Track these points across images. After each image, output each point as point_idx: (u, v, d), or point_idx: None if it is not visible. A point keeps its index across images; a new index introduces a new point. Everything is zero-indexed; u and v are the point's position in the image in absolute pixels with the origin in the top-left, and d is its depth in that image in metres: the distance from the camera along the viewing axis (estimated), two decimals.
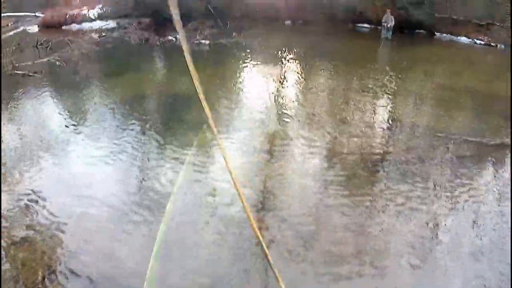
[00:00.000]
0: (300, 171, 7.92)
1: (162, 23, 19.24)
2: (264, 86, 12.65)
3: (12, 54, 14.50)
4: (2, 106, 10.82)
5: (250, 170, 7.85)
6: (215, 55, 16.34)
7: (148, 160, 8.29)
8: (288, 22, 22.51)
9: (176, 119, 10.15)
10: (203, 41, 17.67)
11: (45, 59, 14.59)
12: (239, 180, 6.51)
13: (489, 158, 8.53)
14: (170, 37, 17.99)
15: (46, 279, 5.36)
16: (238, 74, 14.04)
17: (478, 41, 19.17)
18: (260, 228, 6.06)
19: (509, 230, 6.26)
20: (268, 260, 3.96)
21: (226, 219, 6.49)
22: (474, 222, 6.50)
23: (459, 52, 17.67)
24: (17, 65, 13.76)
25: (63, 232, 6.24)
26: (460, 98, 11.73)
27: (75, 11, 22.36)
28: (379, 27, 19.91)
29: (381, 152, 8.70)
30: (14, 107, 11.07)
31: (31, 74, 13.47)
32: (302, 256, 5.78)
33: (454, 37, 19.57)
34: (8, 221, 6.48)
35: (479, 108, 11.08)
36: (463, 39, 19.50)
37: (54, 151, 8.68)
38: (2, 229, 6.24)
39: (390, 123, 10.17)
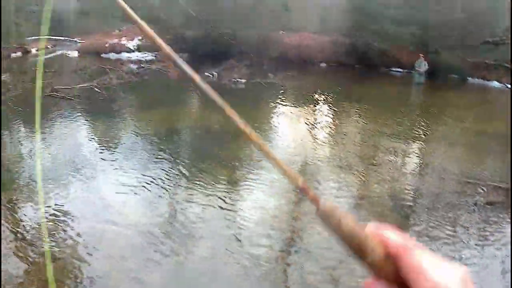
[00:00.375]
0: None
1: (199, 59, 19.50)
2: (296, 127, 12.69)
3: (51, 76, 14.69)
4: (38, 125, 10.90)
5: (279, 210, 7.77)
6: (250, 94, 16.47)
7: (175, 195, 8.27)
8: (323, 64, 22.62)
9: (207, 155, 10.13)
10: (239, 79, 17.72)
11: (84, 85, 14.71)
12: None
13: None
14: (206, 74, 18.12)
15: None
16: (271, 115, 14.01)
17: (509, 85, 18.93)
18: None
19: None
20: None
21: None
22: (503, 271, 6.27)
23: (490, 96, 17.55)
24: (56, 87, 13.91)
25: (88, 254, 6.21)
26: (490, 144, 11.57)
27: (115, 41, 22.77)
28: (412, 72, 19.86)
29: (410, 196, 8.56)
30: (49, 128, 11.21)
31: (69, 97, 13.59)
32: None
33: (486, 82, 19.38)
34: (34, 238, 6.50)
35: (509, 153, 10.84)
36: (495, 84, 19.30)
37: (84, 175, 8.73)
38: (28, 245, 6.28)
39: (420, 167, 10.07)
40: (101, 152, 9.99)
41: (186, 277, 5.93)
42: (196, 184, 8.56)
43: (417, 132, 12.47)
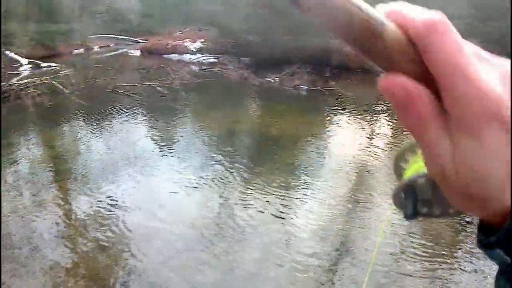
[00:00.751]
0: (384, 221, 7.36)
1: (261, 64, 19.29)
2: (354, 135, 12.30)
3: (114, 74, 14.81)
4: (99, 118, 11.02)
5: (330, 220, 7.48)
6: (311, 100, 16.26)
7: (229, 194, 8.15)
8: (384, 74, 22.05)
9: (264, 159, 9.98)
10: (301, 85, 17.39)
11: (146, 83, 14.72)
12: None
13: None
14: (268, 78, 17.88)
15: None
16: (331, 121, 13.62)
17: None
18: None
19: None
20: None
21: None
22: None
23: None
24: (118, 84, 13.98)
25: (137, 248, 6.23)
26: None
27: (177, 42, 22.84)
28: None
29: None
30: (109, 122, 11.43)
31: (130, 94, 13.60)
32: None
33: None
34: (86, 226, 6.63)
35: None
36: None
37: (138, 169, 8.79)
38: (78, 233, 6.43)
39: None
40: (158, 149, 10.04)
41: (234, 278, 5.83)
42: (250, 188, 8.42)
43: None
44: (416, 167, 1.40)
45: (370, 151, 11.06)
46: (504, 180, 0.39)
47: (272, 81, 17.88)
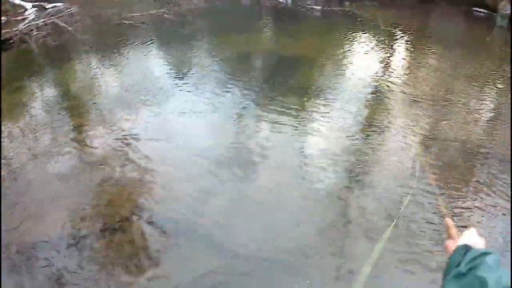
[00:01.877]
0: (397, 146, 7.46)
1: None
2: (370, 59, 11.95)
3: (120, 5, 14.48)
4: (108, 53, 10.82)
5: (346, 143, 7.44)
6: (325, 22, 15.82)
7: (244, 119, 8.12)
8: None
9: (278, 80, 9.79)
10: (314, 6, 16.79)
11: (153, 11, 14.34)
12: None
13: None
14: (280, 0, 17.28)
15: (128, 219, 5.48)
16: (346, 44, 13.30)
17: None
18: None
19: None
20: None
21: None
22: None
23: None
24: (125, 15, 13.66)
25: (153, 175, 6.34)
26: None
27: None
28: (495, 14, 18.13)
29: (484, 143, 7.81)
30: (118, 55, 11.27)
31: (137, 24, 13.30)
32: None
33: None
34: (103, 158, 6.71)
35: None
36: None
37: (154, 99, 8.72)
38: (94, 164, 6.54)
39: (498, 114, 9.21)
40: (171, 77, 9.92)
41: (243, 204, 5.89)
42: (266, 112, 8.33)
43: (496, 79, 11.30)
44: None
45: (387, 75, 10.80)
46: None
47: (285, 2, 17.29)
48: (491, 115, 9.20)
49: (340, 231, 5.39)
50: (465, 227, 1.74)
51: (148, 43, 12.13)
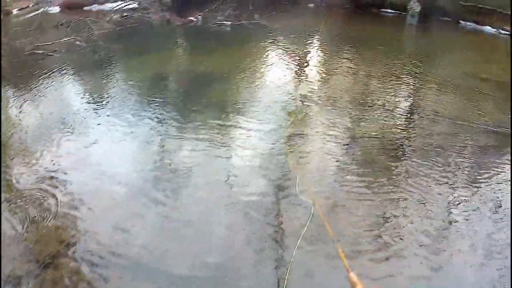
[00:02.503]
0: (319, 149, 7.85)
1: (183, 3, 19.02)
2: (284, 68, 12.45)
3: (32, 34, 14.40)
4: (22, 84, 10.73)
5: (272, 150, 7.76)
6: (236, 36, 16.19)
7: (164, 139, 8.26)
8: (311, 4, 22.04)
9: (195, 98, 10.02)
10: (224, 22, 17.32)
11: (65, 39, 14.41)
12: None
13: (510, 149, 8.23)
14: (191, 18, 17.73)
15: (58, 254, 5.42)
16: (259, 55, 13.80)
17: (503, 31, 18.50)
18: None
19: None
20: None
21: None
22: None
23: (483, 41, 17.10)
24: (37, 45, 13.63)
25: (78, 208, 6.27)
26: (483, 88, 11.28)
27: None
28: (404, 13, 19.35)
29: (401, 136, 8.48)
30: (33, 86, 11.06)
31: (50, 53, 13.35)
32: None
33: (478, 26, 18.96)
34: (25, 192, 6.59)
35: (502, 98, 10.64)
36: (488, 28, 18.90)
37: (71, 130, 8.64)
38: (19, 200, 6.41)
39: (411, 109, 9.89)
40: (88, 104, 9.86)
41: (172, 227, 5.97)
42: (184, 132, 8.52)
43: (408, 74, 12.24)
44: None
45: (303, 83, 11.24)
46: None
47: (195, 20, 17.72)
48: (407, 110, 9.80)
49: (269, 241, 5.56)
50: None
51: (63, 71, 12.02)
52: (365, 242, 5.58)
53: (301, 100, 9.99)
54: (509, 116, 9.22)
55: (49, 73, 11.93)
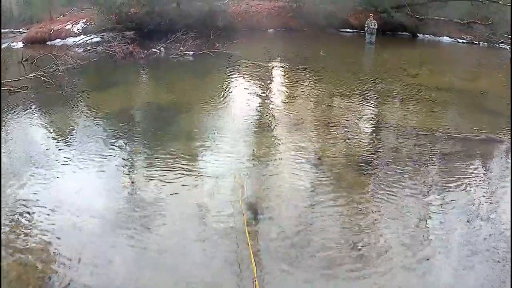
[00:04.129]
0: (289, 172, 8.03)
1: (145, 35, 19.34)
2: (249, 94, 12.74)
3: None
4: None
5: (242, 172, 7.97)
6: (199, 65, 16.40)
7: (133, 173, 8.35)
8: (271, 30, 22.62)
9: (161, 129, 10.19)
10: (187, 52, 17.66)
11: (30, 75, 14.48)
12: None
13: (476, 153, 8.70)
14: (154, 50, 18.03)
15: None
16: (222, 83, 14.00)
17: (460, 40, 19.37)
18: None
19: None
20: None
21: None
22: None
23: (442, 51, 17.88)
24: (2, 81, 13.64)
25: (55, 244, 6.24)
26: (443, 97, 11.86)
27: (59, 26, 22.31)
28: (362, 32, 20.03)
29: (367, 152, 8.78)
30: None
31: (16, 90, 13.41)
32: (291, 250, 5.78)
33: (436, 38, 19.79)
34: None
35: (462, 105, 11.23)
36: (445, 39, 19.79)
37: (41, 168, 8.60)
38: None
39: (376, 124, 10.27)
40: (56, 142, 9.86)
41: (150, 256, 6.00)
42: (155, 160, 8.64)
43: (370, 90, 12.73)
44: None
45: (268, 107, 11.54)
46: None
47: (158, 51, 18.03)
48: (371, 126, 10.19)
49: (245, 262, 5.62)
50: None
51: (27, 109, 11.98)
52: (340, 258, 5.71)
53: (266, 124, 10.24)
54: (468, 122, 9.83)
55: (13, 110, 11.90)
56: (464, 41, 19.40)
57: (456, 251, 5.90)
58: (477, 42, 19.15)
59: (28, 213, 7.03)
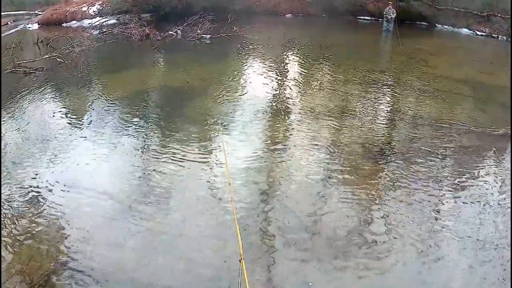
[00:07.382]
0: (304, 159, 7.96)
1: (162, 18, 19.10)
2: (264, 79, 12.60)
3: (12, 52, 14.32)
4: (4, 102, 10.68)
5: (257, 160, 7.94)
6: (216, 49, 16.26)
7: (148, 155, 8.32)
8: (288, 15, 22.28)
9: (176, 112, 10.17)
10: (204, 35, 17.43)
11: (45, 57, 14.39)
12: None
13: (492, 147, 8.48)
14: (170, 32, 17.82)
15: (52, 273, 5.38)
16: (238, 68, 13.95)
17: (479, 33, 18.92)
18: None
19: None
20: None
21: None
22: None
23: (460, 43, 17.50)
24: (17, 63, 13.58)
25: (68, 224, 6.28)
26: (461, 89, 11.63)
27: (75, 8, 22.14)
28: (380, 20, 19.66)
29: (384, 142, 8.68)
30: (16, 104, 11.00)
31: (32, 71, 13.33)
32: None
33: (455, 29, 19.36)
34: (15, 212, 6.57)
35: (480, 98, 10.98)
36: (464, 31, 19.33)
37: (57, 148, 8.60)
38: (10, 220, 6.36)
39: (392, 114, 10.11)
40: (72, 122, 9.84)
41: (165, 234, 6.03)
42: (167, 146, 8.56)
43: (387, 79, 12.50)
44: None
45: (285, 93, 11.41)
46: None
47: (175, 34, 17.82)
48: (387, 116, 10.04)
49: (259, 249, 5.67)
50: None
51: (43, 89, 11.99)
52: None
53: (281, 111, 10.12)
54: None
55: (31, 91, 11.87)
56: (483, 33, 18.94)
57: (468, 242, 5.86)
58: (496, 36, 18.68)
59: (42, 193, 7.06)
